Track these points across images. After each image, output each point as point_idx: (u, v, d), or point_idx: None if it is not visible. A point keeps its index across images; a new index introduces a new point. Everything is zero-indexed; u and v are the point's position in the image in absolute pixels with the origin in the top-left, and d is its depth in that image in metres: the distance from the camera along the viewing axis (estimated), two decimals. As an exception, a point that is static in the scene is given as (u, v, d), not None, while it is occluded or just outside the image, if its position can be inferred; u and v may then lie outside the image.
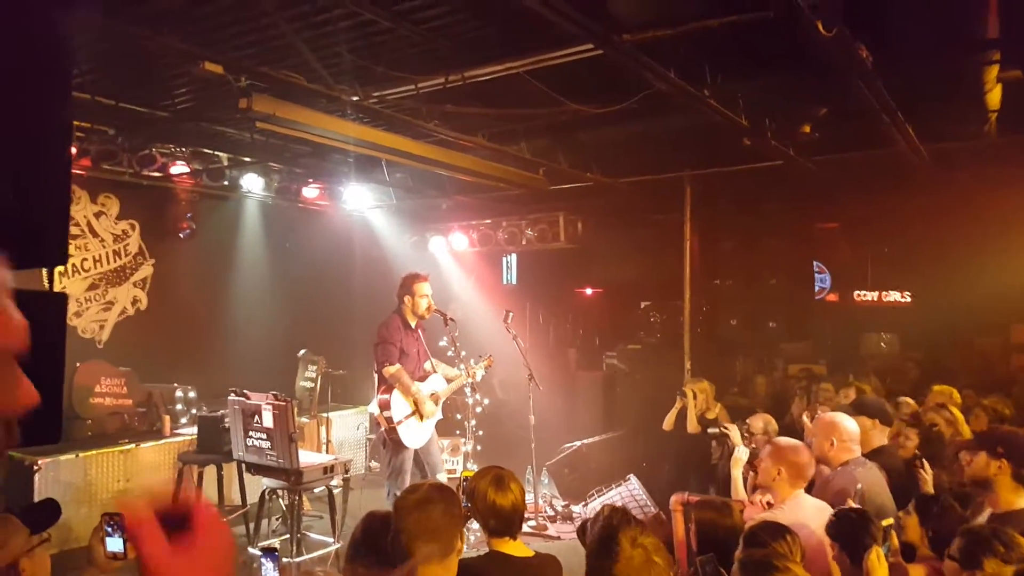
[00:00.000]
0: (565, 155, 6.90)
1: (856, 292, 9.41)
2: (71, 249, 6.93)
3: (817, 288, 9.62)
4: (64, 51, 1.72)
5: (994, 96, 5.01)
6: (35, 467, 5.32)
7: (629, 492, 5.03)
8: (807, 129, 5.80)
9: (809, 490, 3.29)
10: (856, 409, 3.95)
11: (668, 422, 5.95)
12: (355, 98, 4.79)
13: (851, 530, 2.61)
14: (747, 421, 4.32)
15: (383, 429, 5.29)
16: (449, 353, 5.61)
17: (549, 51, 4.31)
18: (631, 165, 7.28)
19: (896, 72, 4.64)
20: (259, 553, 4.80)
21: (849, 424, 3.50)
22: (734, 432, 3.87)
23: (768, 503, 3.25)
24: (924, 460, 3.67)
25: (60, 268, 6.75)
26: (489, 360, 5.81)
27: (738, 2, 3.70)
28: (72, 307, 6.96)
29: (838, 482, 3.37)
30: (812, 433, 3.57)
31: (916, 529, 2.87)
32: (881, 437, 3.91)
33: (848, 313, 9.33)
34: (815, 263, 9.60)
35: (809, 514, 3.03)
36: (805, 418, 4.40)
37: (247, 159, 7.37)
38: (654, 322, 9.04)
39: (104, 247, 7.28)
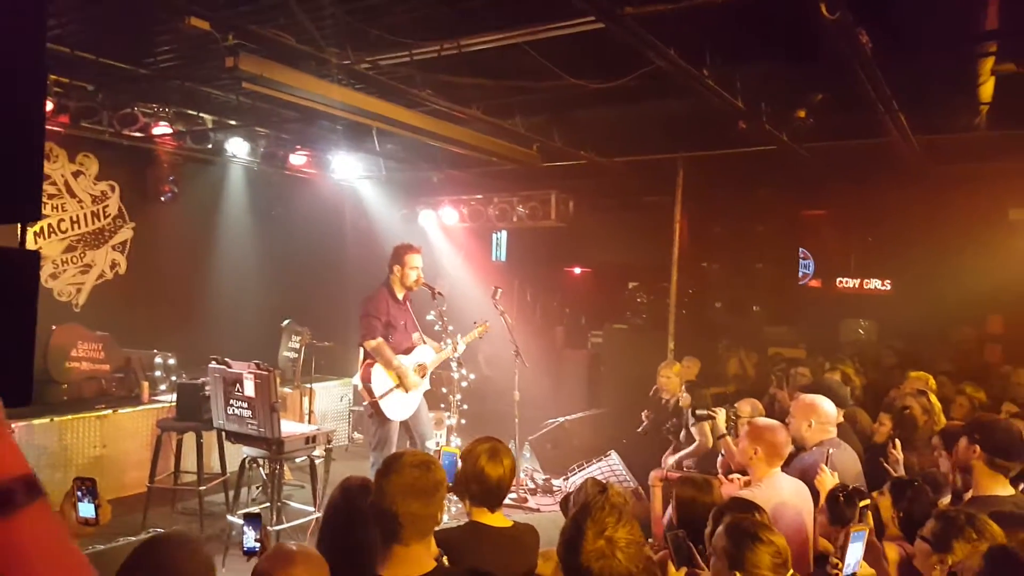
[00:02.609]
0: (560, 132, 6.84)
1: (838, 279, 9.51)
2: (47, 209, 6.78)
3: (801, 274, 9.70)
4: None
5: (987, 89, 5.03)
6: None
7: (609, 467, 5.07)
8: (802, 114, 5.78)
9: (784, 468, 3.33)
10: (815, 390, 4.01)
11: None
12: (346, 62, 4.69)
13: (840, 507, 2.67)
14: (735, 405, 4.35)
15: (366, 403, 5.28)
16: (436, 327, 5.58)
17: (550, 22, 4.24)
18: (625, 145, 7.24)
19: (894, 61, 4.62)
20: (239, 521, 4.80)
21: (827, 406, 3.55)
22: (720, 416, 3.89)
23: (746, 482, 3.28)
24: (897, 442, 3.74)
25: (35, 228, 6.62)
26: (484, 326, 5.77)
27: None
28: (48, 269, 6.83)
29: (810, 461, 3.42)
30: (791, 414, 3.61)
31: (888, 509, 2.92)
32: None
33: (830, 299, 9.43)
34: (800, 249, 9.67)
35: (787, 492, 3.07)
36: (783, 398, 4.44)
37: (233, 122, 7.22)
38: (640, 303, 9.06)
39: (82, 208, 7.14)
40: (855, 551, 2.23)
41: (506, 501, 2.96)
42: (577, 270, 10.76)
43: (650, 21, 4.06)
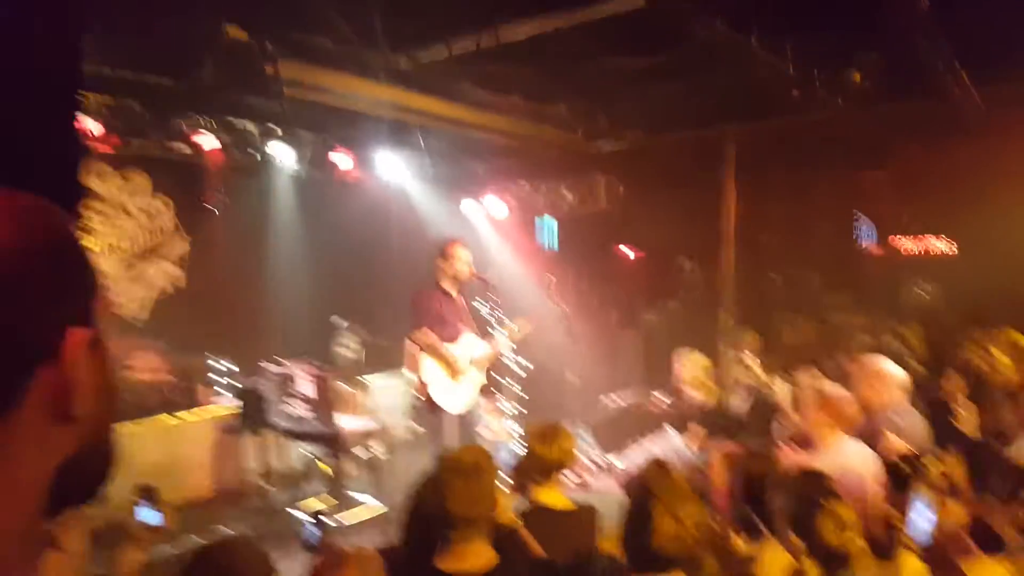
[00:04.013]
0: (604, 114, 6.75)
1: (899, 242, 9.15)
2: (105, 228, 6.99)
3: (859, 239, 9.38)
4: (72, 22, 1.68)
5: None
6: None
7: (667, 442, 5.00)
8: (857, 77, 5.57)
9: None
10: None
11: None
12: (385, 60, 4.72)
13: (904, 474, 2.58)
14: (793, 375, 4.24)
15: (417, 393, 5.32)
16: (491, 317, 5.56)
17: (589, 4, 4.16)
18: (673, 123, 7.10)
19: (949, 12, 4.40)
20: (304, 517, 4.92)
21: (893, 370, 3.44)
22: (779, 387, 3.80)
23: (809, 450, 3.20)
24: (965, 399, 3.60)
25: (97, 249, 6.86)
26: (527, 323, 5.72)
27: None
28: (108, 287, 7.07)
29: (879, 426, 3.32)
30: (857, 380, 3.50)
31: (959, 468, 2.81)
32: None
33: (890, 263, 9.08)
34: (857, 213, 9.34)
35: (852, 458, 3.00)
36: (846, 365, 4.30)
37: (278, 130, 7.35)
38: (694, 279, 8.91)
39: (139, 225, 7.35)
40: (920, 514, 2.14)
41: (568, 483, 2.97)
42: (630, 252, 10.65)
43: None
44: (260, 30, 4.25)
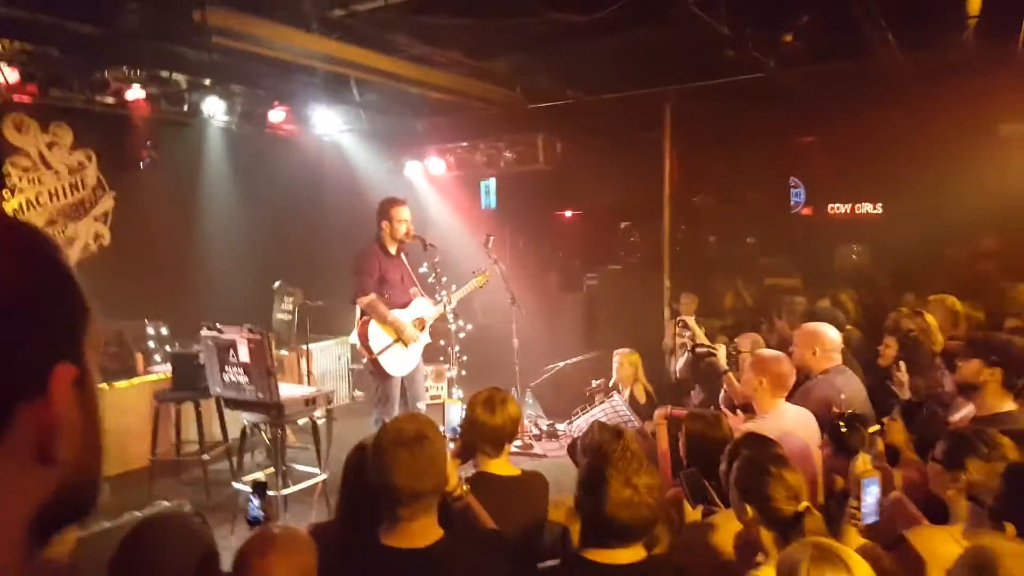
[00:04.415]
0: (543, 72, 6.65)
1: (830, 205, 9.45)
2: (23, 183, 6.60)
3: (793, 202, 9.64)
4: None
5: (975, 1, 4.89)
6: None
7: (612, 408, 5.08)
8: (788, 38, 5.64)
9: (790, 398, 3.33)
10: (810, 318, 3.99)
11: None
12: (320, 9, 4.50)
13: (843, 436, 2.64)
14: (735, 340, 4.33)
15: (365, 360, 5.25)
16: (430, 279, 5.51)
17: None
18: (612, 82, 7.06)
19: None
20: (246, 488, 4.81)
21: (831, 333, 3.53)
22: (721, 352, 3.87)
23: (750, 416, 3.28)
24: (902, 364, 3.73)
25: (14, 203, 6.45)
26: (484, 276, 5.70)
27: None
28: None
29: (819, 389, 3.42)
30: (795, 343, 3.59)
31: (901, 434, 2.92)
32: None
33: (822, 226, 9.39)
34: (791, 178, 9.58)
35: (792, 422, 3.07)
36: (783, 328, 4.42)
37: (207, 82, 6.98)
38: (634, 242, 8.99)
39: (60, 180, 6.94)
40: (870, 495, 2.20)
41: (512, 449, 2.94)
42: (568, 213, 10.65)
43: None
44: (187, -26, 3.97)
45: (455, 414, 3.84)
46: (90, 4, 5.05)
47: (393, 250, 5.33)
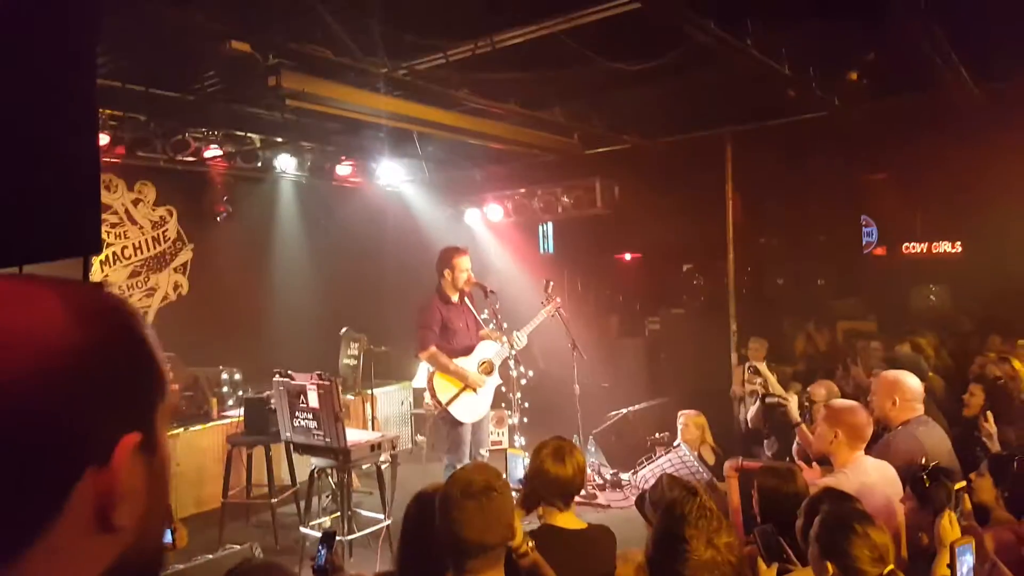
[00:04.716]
0: (600, 118, 6.73)
1: (905, 245, 9.10)
2: (111, 238, 7.03)
3: (865, 242, 9.33)
4: (87, 36, 1.67)
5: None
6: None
7: (679, 458, 4.95)
8: (854, 76, 5.54)
9: (869, 450, 3.18)
10: (890, 366, 3.80)
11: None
12: (384, 70, 4.70)
13: (927, 491, 2.50)
14: (808, 389, 4.17)
15: (436, 411, 5.31)
16: (491, 325, 5.55)
17: (582, 8, 4.15)
18: (668, 125, 7.08)
19: (948, 7, 4.36)
20: (313, 533, 4.87)
21: (912, 381, 3.36)
22: (793, 401, 3.72)
23: (828, 469, 3.14)
24: (989, 414, 3.52)
25: (101, 256, 6.84)
26: (555, 303, 5.69)
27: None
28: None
29: (900, 442, 3.25)
30: (872, 392, 3.44)
31: (991, 491, 2.74)
32: None
33: (897, 267, 9.03)
34: (862, 216, 9.29)
35: (873, 476, 2.92)
36: (859, 375, 4.24)
37: (279, 139, 7.35)
38: (697, 285, 8.85)
39: (143, 234, 7.37)
40: (964, 564, 2.06)
41: (575, 499, 2.90)
42: (628, 256, 10.59)
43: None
44: (262, 43, 4.21)
45: (518, 465, 3.81)
46: (174, 73, 5.43)
47: (455, 298, 5.41)
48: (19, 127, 1.47)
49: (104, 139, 6.02)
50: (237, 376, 6.91)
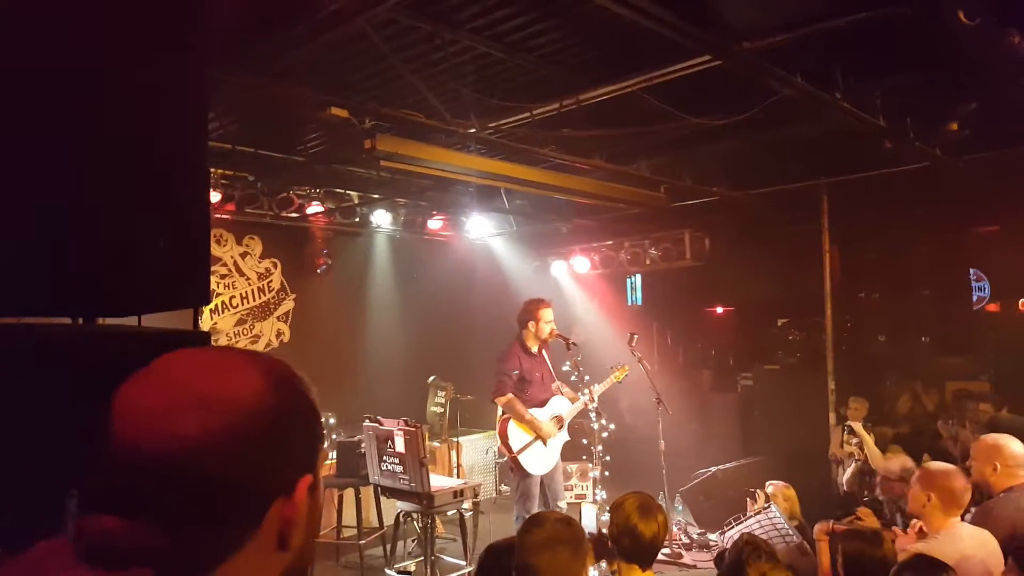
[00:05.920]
0: (687, 170, 6.74)
1: (1022, 300, 8.47)
2: (221, 287, 7.57)
3: (976, 297, 8.75)
4: (199, 107, 1.91)
5: None
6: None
7: (770, 520, 4.74)
8: (954, 127, 5.33)
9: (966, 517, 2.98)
10: (991, 430, 3.54)
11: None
12: (472, 130, 4.94)
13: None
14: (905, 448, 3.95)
15: (506, 457, 5.36)
16: (572, 378, 5.58)
17: (664, 66, 4.24)
18: (759, 176, 6.98)
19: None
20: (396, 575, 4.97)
21: (1014, 446, 3.14)
22: (892, 463, 3.52)
23: (920, 530, 2.96)
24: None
25: (211, 305, 7.38)
26: (623, 369, 5.70)
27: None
28: (223, 342, 7.57)
29: (1001, 510, 3.03)
30: (972, 456, 3.23)
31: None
32: None
33: (1013, 323, 8.40)
34: (972, 271, 8.74)
35: (968, 545, 2.74)
36: (966, 438, 3.97)
37: (375, 196, 7.80)
38: (792, 340, 8.54)
39: (250, 284, 7.90)
40: None
41: (660, 557, 2.86)
42: (719, 309, 10.36)
43: (770, 51, 3.97)
44: (359, 108, 4.55)
45: (591, 516, 3.79)
46: (280, 137, 5.92)
47: (535, 349, 5.48)
48: (140, 190, 1.69)
49: (215, 197, 6.57)
50: (331, 420, 7.19)
